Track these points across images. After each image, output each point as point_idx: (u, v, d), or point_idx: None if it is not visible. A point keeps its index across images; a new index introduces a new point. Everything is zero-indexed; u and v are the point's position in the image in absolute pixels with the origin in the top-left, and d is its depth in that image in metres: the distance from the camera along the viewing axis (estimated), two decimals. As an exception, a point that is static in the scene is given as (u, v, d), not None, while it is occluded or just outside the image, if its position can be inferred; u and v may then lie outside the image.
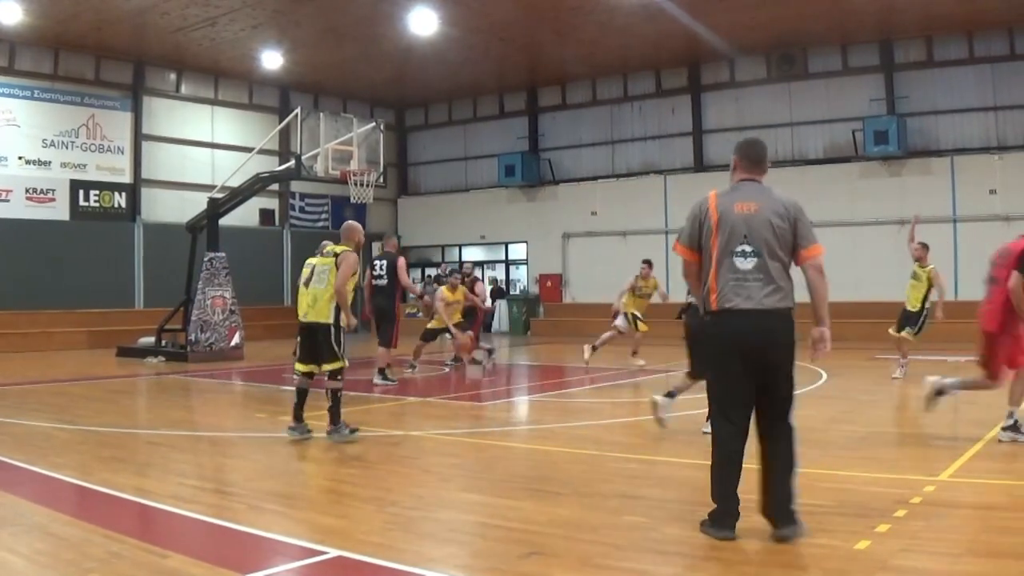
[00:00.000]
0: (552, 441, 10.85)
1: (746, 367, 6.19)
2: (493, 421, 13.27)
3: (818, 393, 14.74)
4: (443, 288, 19.56)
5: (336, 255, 11.00)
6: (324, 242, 12.87)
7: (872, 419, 12.37)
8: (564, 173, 35.30)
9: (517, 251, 37.06)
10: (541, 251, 35.40)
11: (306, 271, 11.23)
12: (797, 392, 6.34)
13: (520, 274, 37.39)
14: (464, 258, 36.82)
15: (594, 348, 19.66)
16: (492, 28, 27.62)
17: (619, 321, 19.70)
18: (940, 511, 7.03)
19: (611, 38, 28.56)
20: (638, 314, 19.73)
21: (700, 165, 32.19)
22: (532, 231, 35.27)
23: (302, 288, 11.20)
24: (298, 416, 10.81)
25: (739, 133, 30.71)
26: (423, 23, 26.02)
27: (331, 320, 10.80)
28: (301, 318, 11.10)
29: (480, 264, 37.17)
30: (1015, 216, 25.45)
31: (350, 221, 11.83)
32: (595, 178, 34.36)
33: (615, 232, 32.32)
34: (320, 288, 10.93)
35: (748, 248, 6.19)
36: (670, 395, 11.05)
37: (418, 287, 24.78)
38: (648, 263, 19.83)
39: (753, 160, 6.50)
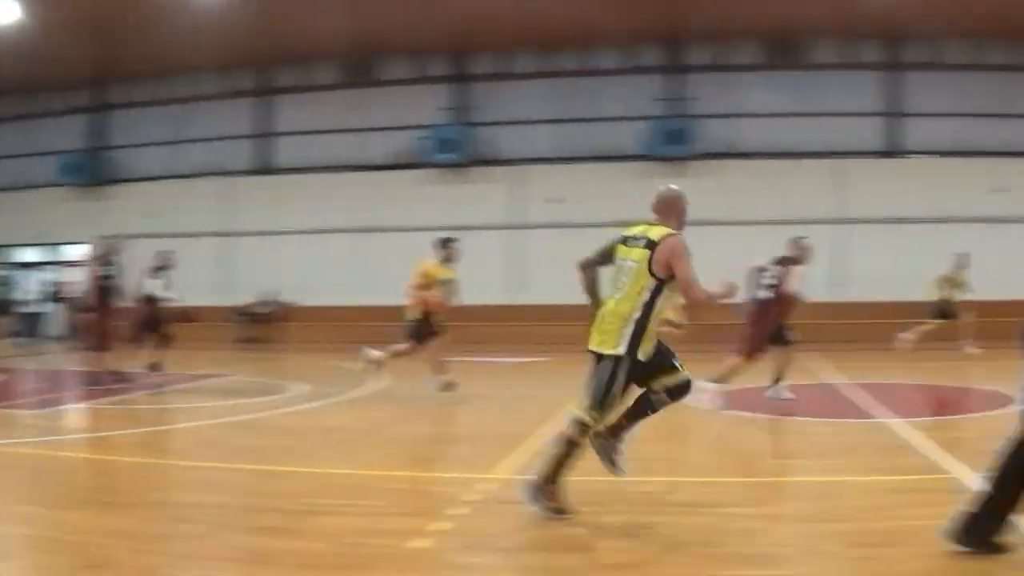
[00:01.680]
0: (108, 450, 10.59)
1: None
2: (46, 430, 12.60)
3: (371, 396, 15.01)
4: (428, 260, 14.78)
5: (653, 242, 6.84)
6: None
7: (428, 419, 12.81)
8: (128, 172, 34.02)
9: (76, 253, 35.40)
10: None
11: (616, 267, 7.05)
12: (351, 396, 6.45)
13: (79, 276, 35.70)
14: (15, 258, 35.04)
15: None
16: (67, 21, 26.36)
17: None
18: (497, 507, 7.35)
19: (183, 36, 27.81)
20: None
21: (268, 168, 32.15)
22: (92, 232, 33.91)
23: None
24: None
25: (308, 137, 30.99)
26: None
27: (621, 350, 6.81)
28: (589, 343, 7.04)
29: (33, 265, 35.30)
30: (581, 224, 26.98)
31: (670, 187, 7.36)
32: (160, 178, 33.40)
33: (179, 234, 31.69)
34: (617, 297, 6.95)
35: None
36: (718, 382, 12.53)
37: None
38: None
39: None
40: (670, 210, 7.15)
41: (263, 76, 32.28)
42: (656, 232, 6.87)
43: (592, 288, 7.21)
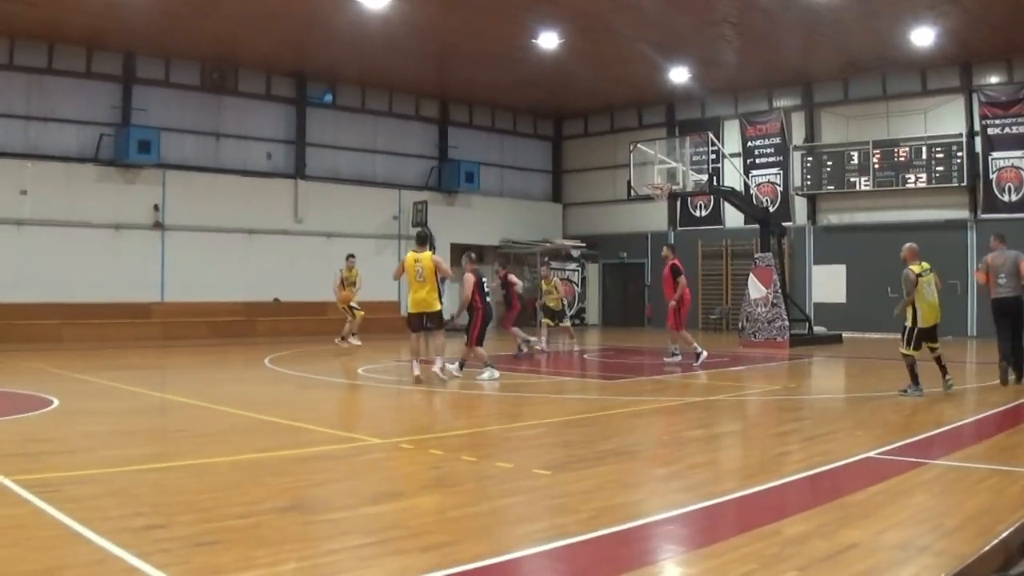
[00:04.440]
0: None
1: None
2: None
3: None
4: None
5: (929, 270, 14.49)
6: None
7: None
8: None
9: None
10: None
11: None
12: None
13: None
14: None
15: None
16: None
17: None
18: None
19: None
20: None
21: None
22: None
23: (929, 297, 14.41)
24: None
25: None
26: None
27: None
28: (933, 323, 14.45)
29: None
30: None
31: (913, 244, 14.90)
32: None
33: None
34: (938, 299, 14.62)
35: None
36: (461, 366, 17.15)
37: None
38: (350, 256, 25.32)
39: None
40: (917, 255, 14.47)
41: None
42: (927, 265, 14.37)
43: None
